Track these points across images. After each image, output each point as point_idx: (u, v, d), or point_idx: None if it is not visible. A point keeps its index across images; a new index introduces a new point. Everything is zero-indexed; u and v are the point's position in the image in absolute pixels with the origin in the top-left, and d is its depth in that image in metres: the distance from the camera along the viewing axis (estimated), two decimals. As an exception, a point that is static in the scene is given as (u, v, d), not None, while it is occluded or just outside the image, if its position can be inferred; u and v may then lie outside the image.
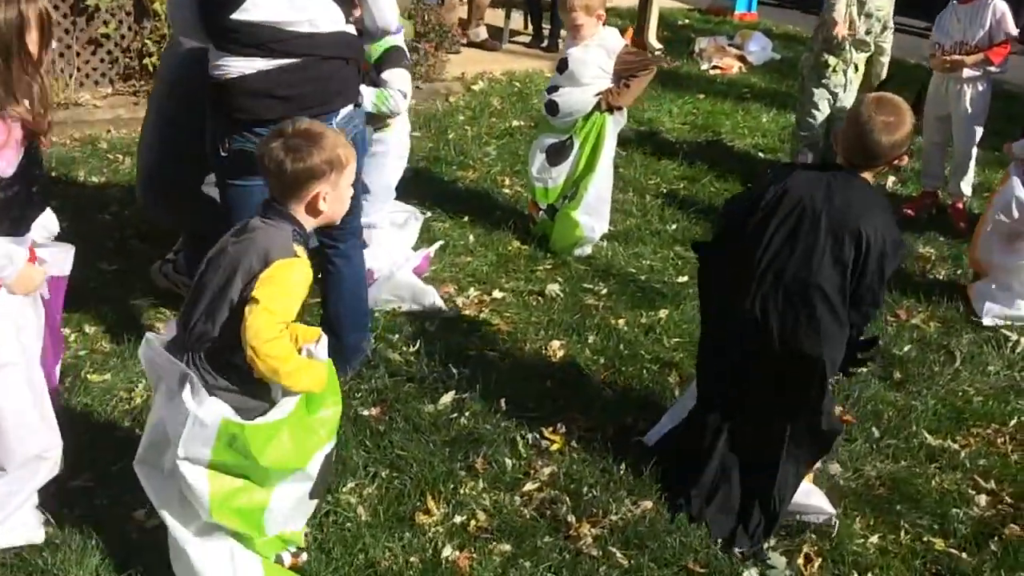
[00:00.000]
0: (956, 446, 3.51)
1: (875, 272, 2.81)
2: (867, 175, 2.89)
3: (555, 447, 3.27)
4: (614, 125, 4.65)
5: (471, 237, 4.87)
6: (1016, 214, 4.49)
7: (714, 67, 9.44)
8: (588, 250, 4.79)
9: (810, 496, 3.15)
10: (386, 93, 3.79)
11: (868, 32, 5.72)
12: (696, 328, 4.11)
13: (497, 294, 4.32)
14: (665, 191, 5.86)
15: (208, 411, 2.31)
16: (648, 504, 3.03)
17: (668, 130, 7.22)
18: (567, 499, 3.02)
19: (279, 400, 2.43)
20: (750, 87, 8.46)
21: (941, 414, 3.69)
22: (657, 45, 9.87)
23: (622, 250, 4.95)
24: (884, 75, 5.90)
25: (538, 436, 3.31)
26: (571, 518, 2.94)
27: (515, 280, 4.50)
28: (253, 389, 2.41)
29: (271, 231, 2.36)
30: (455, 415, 3.39)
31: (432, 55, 7.22)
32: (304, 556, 2.72)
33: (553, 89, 4.62)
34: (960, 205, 5.89)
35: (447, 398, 3.48)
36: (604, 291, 4.46)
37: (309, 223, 2.44)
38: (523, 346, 3.89)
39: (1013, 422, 3.68)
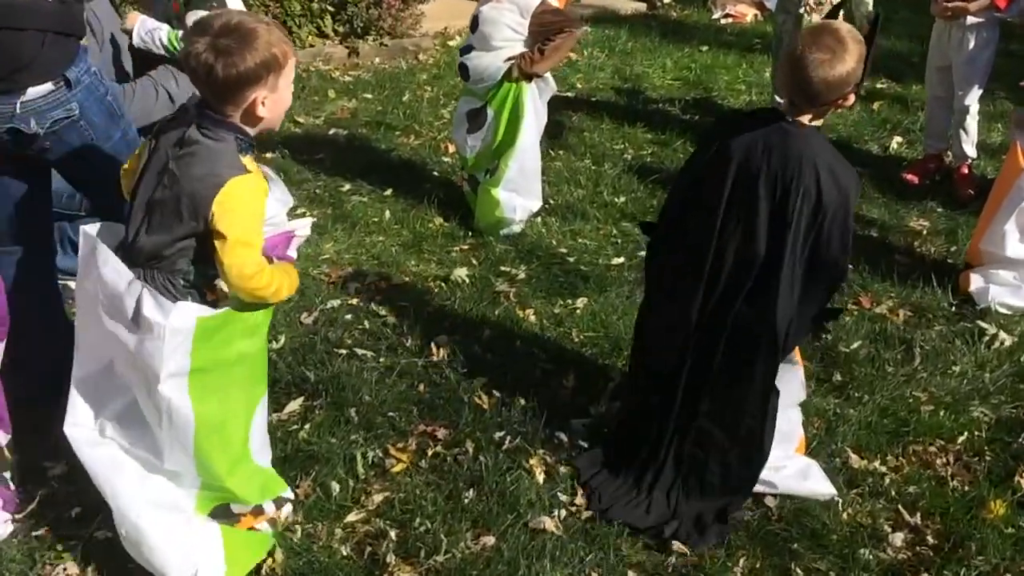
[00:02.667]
0: (885, 468, 2.98)
1: (829, 237, 2.48)
2: (809, 118, 2.51)
3: (399, 467, 2.84)
4: (536, 94, 4.13)
5: (388, 213, 4.42)
6: None
7: (726, 15, 8.75)
8: (516, 229, 4.33)
9: (807, 477, 2.83)
10: (178, 35, 3.28)
11: None
12: (617, 319, 3.69)
13: (397, 279, 3.89)
14: (629, 158, 5.33)
15: (180, 316, 2.16)
16: (490, 540, 2.60)
17: (654, 87, 6.64)
18: (393, 533, 2.61)
19: None
20: (762, 37, 7.76)
21: (877, 427, 3.16)
22: (665, -8, 9.20)
23: (558, 227, 4.46)
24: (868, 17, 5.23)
25: (382, 454, 2.90)
26: (391, 558, 2.53)
27: (425, 263, 4.06)
28: (205, 301, 2.29)
29: (213, 146, 2.15)
30: (296, 426, 2.99)
31: (397, 7, 6.71)
32: (288, 509, 2.58)
33: (466, 50, 4.12)
34: (965, 170, 5.23)
35: (294, 405, 3.07)
36: (521, 276, 4.00)
37: (249, 130, 2.22)
38: (404, 342, 3.46)
39: (962, 438, 3.13)
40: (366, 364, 3.30)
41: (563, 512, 2.72)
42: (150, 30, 3.20)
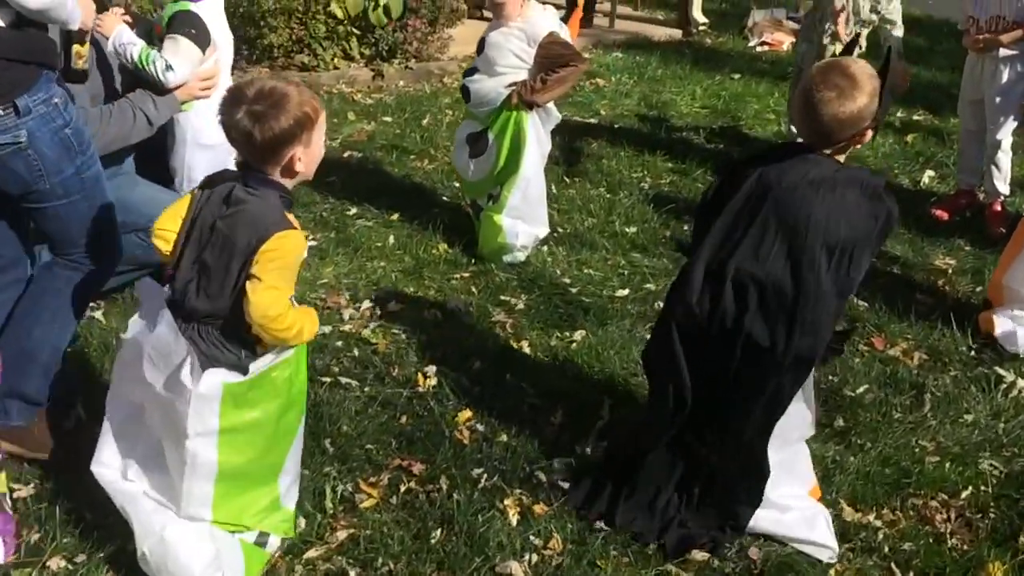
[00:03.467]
0: (880, 523, 2.82)
1: (838, 266, 2.36)
2: (828, 154, 2.42)
3: (368, 503, 2.76)
4: (538, 123, 4.05)
5: (392, 238, 4.37)
6: None
7: (762, 43, 8.64)
8: (520, 257, 4.24)
9: (813, 527, 2.69)
10: (151, 55, 3.21)
11: (872, 10, 4.99)
12: (615, 353, 3.59)
13: (393, 306, 3.83)
14: (646, 187, 5.23)
15: (207, 384, 2.26)
16: (455, 584, 2.51)
17: (681, 115, 6.54)
18: (354, 573, 2.52)
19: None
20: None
21: (876, 477, 3.00)
22: (702, 19, 9.12)
23: (564, 256, 4.37)
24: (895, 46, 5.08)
25: (352, 488, 2.82)
26: (348, 599, 2.45)
27: (425, 289, 4.00)
28: (254, 352, 2.37)
29: (260, 203, 2.28)
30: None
31: (424, 31, 6.70)
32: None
33: (470, 72, 4.07)
34: (998, 207, 5.06)
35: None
36: (520, 306, 3.91)
37: (288, 184, 2.36)
38: (391, 371, 3.38)
39: (966, 493, 2.96)
40: (350, 393, 3.23)
41: (534, 557, 2.61)
42: (124, 43, 3.17)
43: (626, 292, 4.09)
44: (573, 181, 5.20)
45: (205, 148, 3.48)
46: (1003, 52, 4.78)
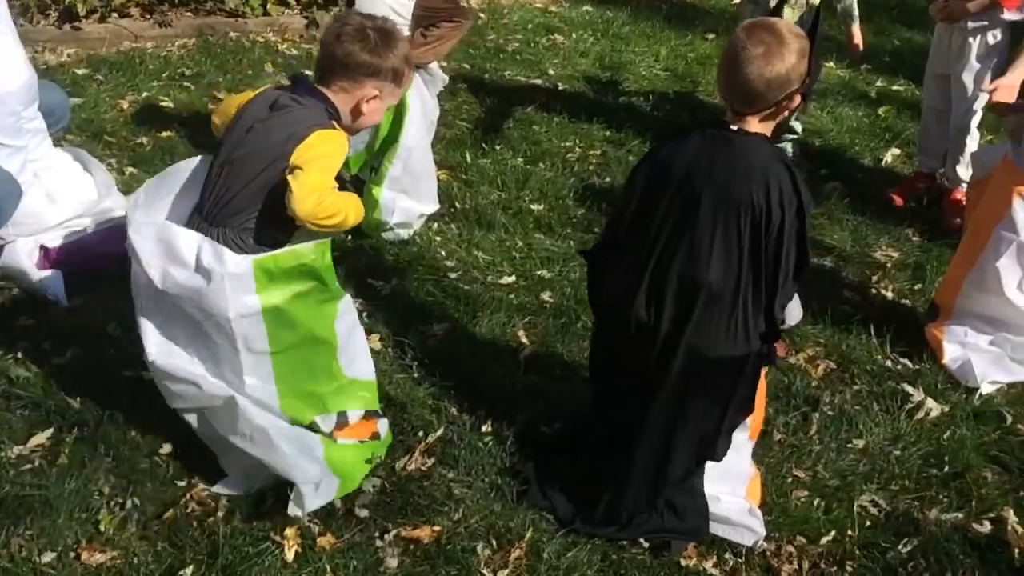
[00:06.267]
0: (718, 572, 2.46)
1: (787, 253, 2.26)
2: (756, 126, 2.30)
3: (132, 529, 2.43)
4: (421, 86, 3.64)
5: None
6: None
7: None
8: (403, 234, 3.86)
9: (741, 513, 2.55)
10: None
11: None
12: (472, 352, 3.22)
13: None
14: (573, 157, 4.80)
15: (235, 262, 2.23)
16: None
17: (638, 78, 6.05)
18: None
19: None
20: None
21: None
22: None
23: (456, 235, 3.98)
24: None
25: (132, 506, 2.48)
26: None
27: (287, 269, 3.63)
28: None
29: (304, 110, 2.30)
30: (28, 465, 2.59)
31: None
32: (383, 424, 2.67)
33: (353, -10, 3.65)
34: (958, 196, 4.57)
35: (41, 437, 2.67)
36: (385, 291, 3.54)
37: (344, 116, 2.38)
38: (212, 366, 3.04)
39: (827, 539, 2.58)
40: (151, 394, 2.88)
41: (298, 604, 2.29)
42: None
43: (512, 279, 3.71)
44: (492, 149, 4.78)
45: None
46: (972, 23, 4.26)
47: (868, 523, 2.66)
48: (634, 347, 2.41)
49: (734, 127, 2.30)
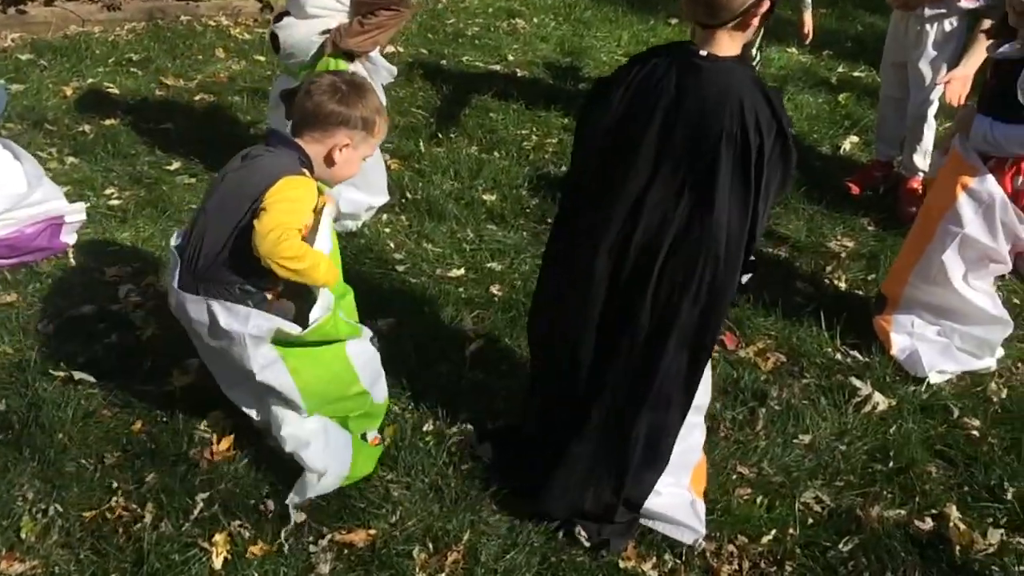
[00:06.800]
0: (656, 573, 2.43)
1: (768, 182, 2.15)
2: (726, 43, 2.14)
3: (56, 536, 2.36)
4: (365, 77, 3.55)
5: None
6: (1000, 229, 3.13)
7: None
8: (350, 226, 3.79)
9: (681, 509, 2.51)
10: None
11: None
12: (413, 349, 3.16)
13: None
14: (529, 146, 4.74)
15: (254, 325, 2.33)
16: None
17: (598, 63, 5.99)
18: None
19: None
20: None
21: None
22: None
23: (406, 227, 3.91)
24: None
25: (55, 513, 2.40)
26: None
27: (230, 263, 3.55)
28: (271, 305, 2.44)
29: (275, 158, 2.37)
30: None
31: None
32: (384, 441, 2.73)
33: (279, 17, 3.55)
34: (915, 185, 4.55)
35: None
36: (330, 286, 3.47)
37: (317, 167, 2.44)
38: (144, 365, 2.95)
39: (768, 538, 2.56)
40: (82, 392, 2.81)
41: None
42: None
43: (461, 272, 3.65)
44: (447, 138, 4.70)
45: None
46: (928, 11, 4.22)
47: (810, 520, 2.64)
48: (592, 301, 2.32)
49: (703, 52, 2.14)
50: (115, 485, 2.51)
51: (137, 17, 5.59)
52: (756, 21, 2.13)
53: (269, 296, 2.45)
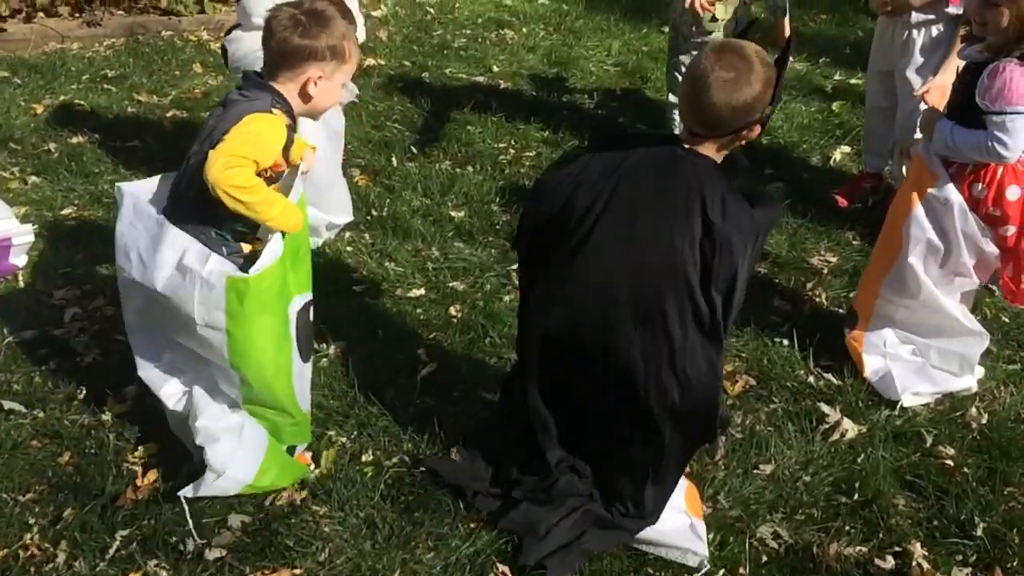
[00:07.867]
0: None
1: (716, 277, 2.18)
2: (711, 150, 2.26)
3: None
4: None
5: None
6: (961, 239, 2.99)
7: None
8: (313, 244, 3.68)
9: (684, 533, 2.47)
10: None
11: None
12: (361, 373, 3.06)
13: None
14: (505, 160, 4.62)
15: (212, 271, 2.27)
16: None
17: (586, 74, 5.87)
18: None
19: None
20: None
21: (617, 551, 2.47)
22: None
23: (369, 246, 3.81)
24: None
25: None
26: None
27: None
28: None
29: (249, 102, 2.34)
30: None
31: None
32: (309, 456, 2.68)
33: (231, 29, 3.46)
34: (903, 195, 4.39)
35: None
36: (282, 308, 3.37)
37: (296, 104, 2.41)
38: (79, 394, 2.86)
39: (711, 580, 2.42)
40: (13, 423, 2.72)
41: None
42: None
43: (422, 292, 3.54)
44: (420, 152, 4.60)
45: None
46: (915, 17, 4.06)
47: (764, 559, 2.50)
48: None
49: (686, 146, 2.25)
50: (31, 521, 2.42)
51: (118, 33, 5.54)
52: (742, 141, 2.27)
53: (246, 248, 2.43)
